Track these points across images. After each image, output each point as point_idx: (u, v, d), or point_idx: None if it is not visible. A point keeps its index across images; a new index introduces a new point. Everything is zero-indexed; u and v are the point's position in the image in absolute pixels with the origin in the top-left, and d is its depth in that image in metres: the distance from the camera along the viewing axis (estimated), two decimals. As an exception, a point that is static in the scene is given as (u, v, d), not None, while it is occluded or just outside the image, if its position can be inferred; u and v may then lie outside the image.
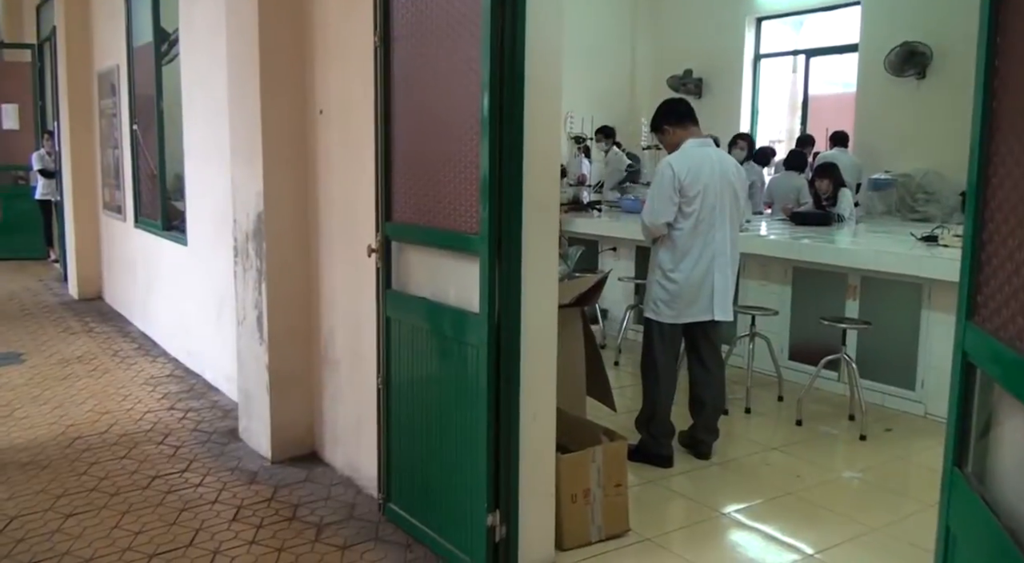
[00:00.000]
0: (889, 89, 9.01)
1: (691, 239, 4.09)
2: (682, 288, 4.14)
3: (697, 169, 4.07)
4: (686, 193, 4.04)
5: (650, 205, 4.16)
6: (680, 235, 4.10)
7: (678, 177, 4.03)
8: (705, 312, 4.17)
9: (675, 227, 4.10)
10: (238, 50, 4.24)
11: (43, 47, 10.89)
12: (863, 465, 4.41)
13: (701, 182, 4.05)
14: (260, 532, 3.46)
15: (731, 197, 4.16)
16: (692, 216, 4.07)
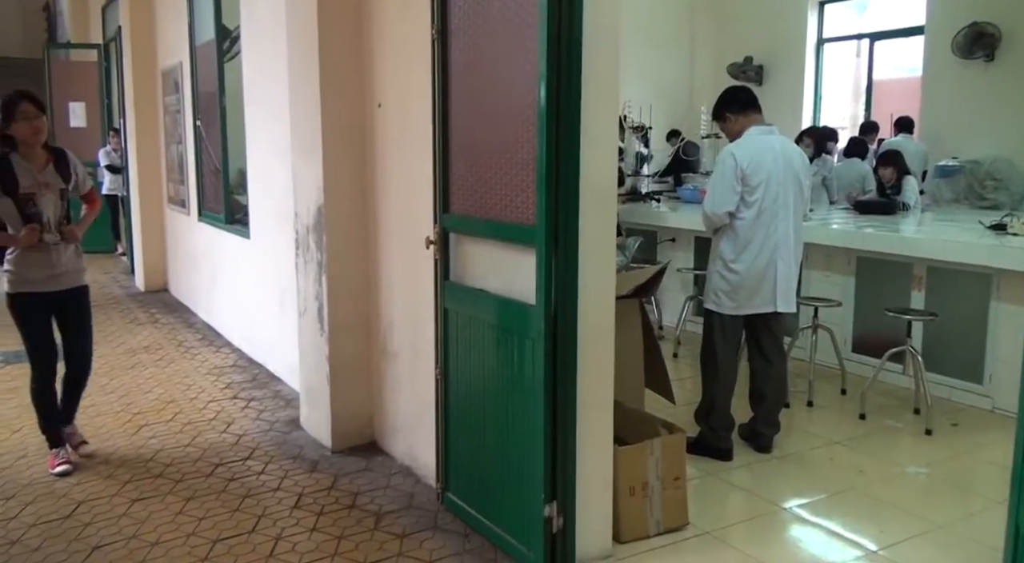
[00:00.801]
0: (956, 72, 8.73)
1: (753, 229, 4.03)
2: (743, 279, 4.07)
3: (760, 157, 4.00)
4: (748, 182, 3.98)
5: (711, 194, 4.10)
6: (742, 225, 4.04)
7: (740, 166, 3.97)
8: (767, 304, 4.10)
9: (737, 216, 4.04)
10: (298, 46, 4.30)
11: (109, 47, 11.18)
12: (928, 460, 4.30)
13: (764, 171, 3.99)
14: (321, 520, 3.52)
15: (795, 186, 4.09)
16: (755, 205, 4.00)
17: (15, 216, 3.83)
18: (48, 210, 3.89)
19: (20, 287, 3.90)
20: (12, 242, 3.87)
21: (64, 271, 4.00)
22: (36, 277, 3.92)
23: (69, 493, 3.80)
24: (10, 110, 3.80)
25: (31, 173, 3.86)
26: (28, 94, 3.84)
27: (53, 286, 3.97)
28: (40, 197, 3.86)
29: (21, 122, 3.79)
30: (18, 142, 3.83)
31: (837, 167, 8.09)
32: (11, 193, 3.80)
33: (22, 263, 3.90)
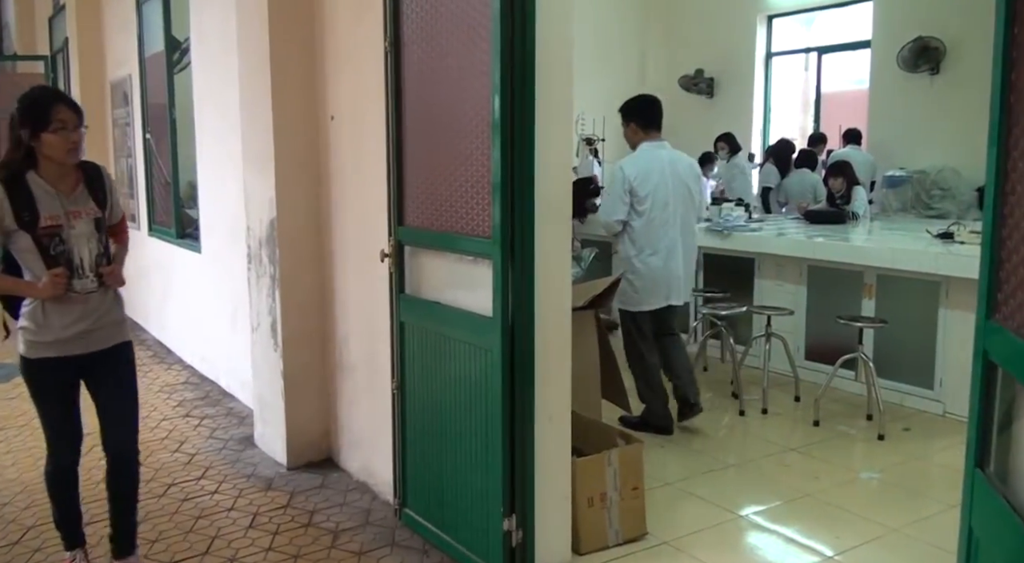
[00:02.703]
0: (902, 85, 8.94)
1: (647, 234, 4.51)
2: (644, 279, 4.55)
3: (647, 171, 4.48)
4: (637, 193, 4.46)
5: (604, 204, 4.65)
6: (637, 231, 4.52)
7: (628, 179, 4.45)
8: (664, 299, 4.60)
9: (631, 224, 4.52)
10: (249, 57, 4.25)
11: (56, 58, 10.96)
12: (882, 465, 4.36)
13: (651, 183, 4.46)
14: (276, 539, 3.46)
15: (684, 194, 4.60)
16: (645, 214, 4.49)
17: (35, 257, 2.78)
18: (80, 247, 2.83)
19: (40, 351, 2.85)
20: (30, 292, 2.82)
21: (100, 326, 2.93)
22: (62, 337, 2.85)
23: (18, 519, 3.69)
24: (43, 115, 2.74)
25: (56, 199, 2.79)
26: (64, 96, 2.91)
27: (84, 347, 2.91)
28: (69, 230, 2.80)
29: (56, 133, 2.74)
30: (41, 158, 2.78)
31: (789, 177, 8.22)
32: (30, 226, 2.73)
33: (43, 318, 2.83)
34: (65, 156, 2.79)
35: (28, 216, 2.73)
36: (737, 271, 6.24)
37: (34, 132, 2.73)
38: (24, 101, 2.79)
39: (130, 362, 3.12)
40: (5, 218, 2.72)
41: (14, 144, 2.78)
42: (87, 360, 2.93)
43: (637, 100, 4.72)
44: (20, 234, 2.74)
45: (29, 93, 2.83)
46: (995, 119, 1.76)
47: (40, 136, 2.74)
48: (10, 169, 2.77)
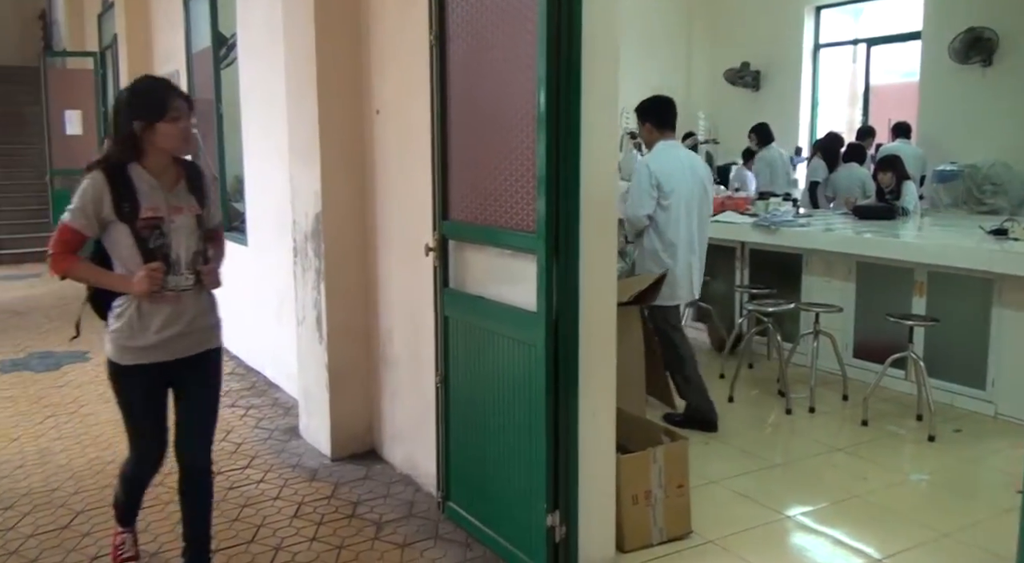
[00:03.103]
0: (954, 77, 8.75)
1: (670, 229, 4.59)
2: (672, 273, 4.58)
3: (670, 168, 4.58)
4: (662, 188, 4.54)
5: (631, 200, 4.58)
6: (661, 225, 4.59)
7: (654, 174, 4.53)
8: (689, 293, 4.72)
9: (656, 219, 4.58)
10: (295, 52, 4.28)
11: (105, 54, 11.17)
12: (932, 467, 4.27)
13: (675, 179, 4.56)
14: (321, 529, 3.49)
15: (700, 192, 4.70)
16: (669, 209, 4.57)
17: (132, 250, 2.66)
18: (179, 243, 2.73)
19: (130, 357, 2.72)
20: (122, 286, 2.68)
21: (193, 330, 2.80)
22: (155, 341, 2.72)
23: (67, 503, 3.77)
24: (159, 105, 2.65)
25: (159, 192, 2.70)
26: (176, 86, 2.80)
27: (177, 352, 2.78)
28: (169, 224, 2.71)
29: (171, 124, 2.66)
30: (149, 149, 2.68)
31: (837, 172, 8.08)
32: (130, 218, 2.63)
33: (138, 320, 2.70)
34: (180, 146, 2.73)
35: (128, 207, 2.64)
36: (784, 267, 6.14)
37: (149, 122, 2.64)
38: (138, 91, 2.72)
39: (219, 370, 2.98)
40: (104, 208, 2.62)
41: (122, 134, 2.67)
42: (178, 365, 2.80)
43: (652, 101, 4.78)
44: (118, 225, 2.64)
45: (142, 84, 2.76)
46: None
47: (155, 126, 2.64)
48: (114, 160, 2.68)
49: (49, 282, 10.27)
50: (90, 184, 2.63)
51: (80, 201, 2.63)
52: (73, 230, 2.64)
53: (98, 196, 2.61)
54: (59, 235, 2.65)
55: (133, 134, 2.64)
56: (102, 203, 2.61)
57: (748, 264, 6.47)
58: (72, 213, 2.63)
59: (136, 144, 2.66)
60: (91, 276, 2.75)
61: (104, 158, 2.69)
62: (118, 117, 2.69)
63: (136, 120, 2.63)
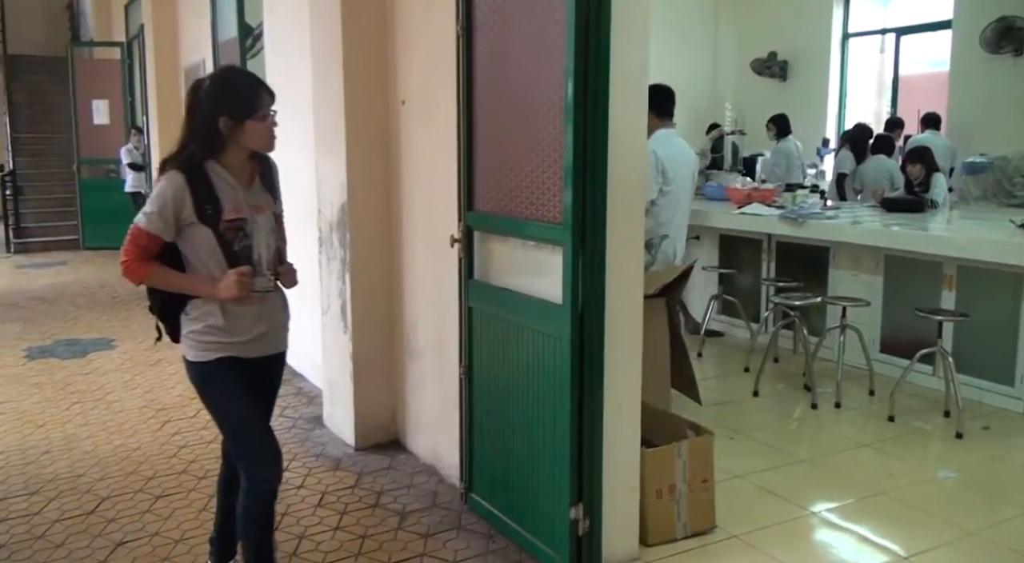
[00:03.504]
0: (984, 67, 8.59)
1: (667, 213, 4.77)
2: (667, 256, 4.76)
3: (673, 154, 4.80)
4: (666, 173, 4.73)
5: None
6: (660, 209, 4.74)
7: (660, 160, 4.69)
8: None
9: (656, 203, 4.73)
10: (321, 42, 4.28)
11: (132, 44, 11.25)
12: (959, 464, 4.22)
13: (677, 165, 4.80)
14: (344, 518, 3.50)
15: (691, 177, 5.02)
16: (669, 193, 4.76)
17: (215, 254, 2.50)
18: (260, 243, 2.60)
19: (218, 351, 2.56)
20: (208, 292, 2.51)
21: (272, 329, 2.71)
22: (238, 339, 2.59)
23: (93, 489, 3.81)
24: (248, 101, 2.49)
25: (239, 191, 2.54)
26: (261, 79, 2.60)
27: (259, 351, 2.66)
28: (252, 224, 2.57)
29: (260, 122, 2.50)
30: (232, 146, 2.49)
31: (865, 164, 7.98)
32: (213, 220, 2.47)
33: (225, 322, 2.55)
34: (268, 144, 2.56)
35: (211, 209, 2.46)
36: (811, 260, 6.08)
37: (238, 120, 2.45)
38: (225, 85, 2.51)
39: (282, 373, 2.88)
40: (184, 211, 2.44)
41: (203, 130, 2.46)
42: (255, 364, 2.66)
43: (653, 89, 4.78)
44: (199, 228, 2.46)
45: (227, 76, 2.58)
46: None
47: (244, 124, 2.46)
48: (194, 159, 2.47)
49: (76, 270, 10.40)
50: (169, 185, 2.43)
51: (158, 204, 2.43)
52: (150, 235, 2.45)
53: (178, 198, 2.43)
54: (134, 240, 2.46)
55: (216, 131, 2.45)
56: (183, 205, 2.43)
57: (775, 257, 6.41)
58: (148, 216, 2.44)
59: (218, 141, 2.47)
60: (172, 282, 2.55)
61: (181, 156, 2.48)
62: (197, 110, 2.48)
63: (222, 116, 2.44)
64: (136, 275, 2.51)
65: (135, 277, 2.52)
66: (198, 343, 2.57)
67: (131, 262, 2.49)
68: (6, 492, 3.78)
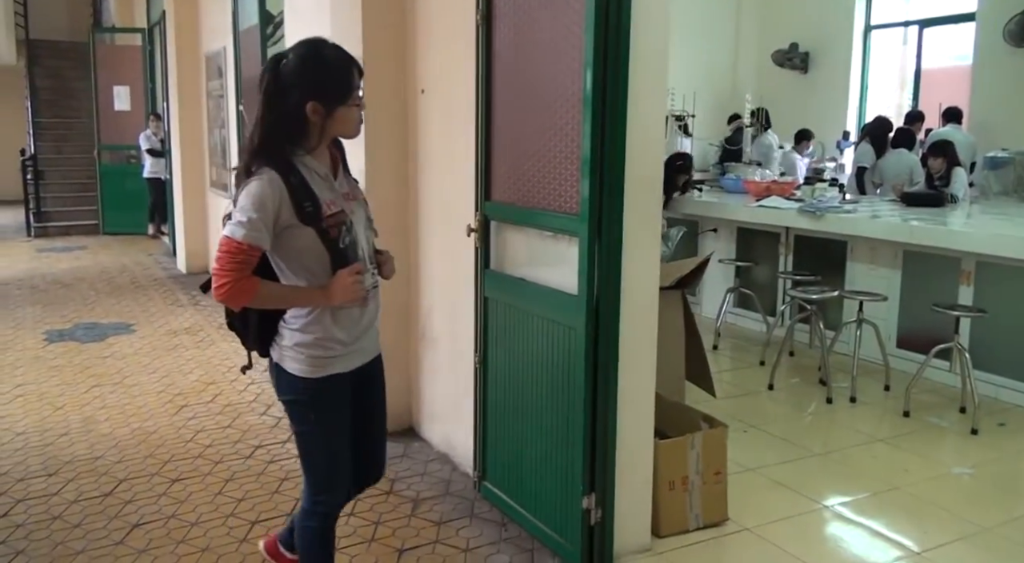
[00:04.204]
0: (1008, 60, 8.49)
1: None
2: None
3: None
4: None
5: None
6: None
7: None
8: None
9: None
10: (342, 30, 4.28)
11: (153, 31, 11.30)
12: (974, 461, 4.20)
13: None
14: (358, 505, 3.52)
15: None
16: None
17: (321, 255, 2.20)
18: (360, 236, 2.30)
19: (328, 367, 2.28)
20: (322, 300, 2.21)
21: (372, 331, 2.41)
22: (344, 350, 2.30)
23: (110, 471, 3.85)
24: (343, 85, 2.20)
25: (329, 182, 2.25)
26: (351, 56, 2.25)
27: (359, 359, 2.37)
28: (351, 216, 2.27)
29: (353, 108, 2.23)
30: (315, 133, 2.19)
31: (885, 157, 7.92)
32: (314, 218, 2.16)
33: (331, 327, 2.26)
34: (356, 130, 2.28)
35: (311, 206, 2.14)
36: (828, 254, 6.05)
37: (329, 107, 2.16)
38: (313, 66, 2.17)
39: (383, 375, 2.55)
40: (283, 213, 2.12)
41: (289, 120, 2.15)
42: (358, 373, 2.38)
43: None
44: (301, 231, 2.15)
45: (315, 54, 2.19)
46: None
47: (335, 111, 2.18)
48: (285, 153, 2.16)
49: (96, 254, 10.49)
50: (267, 186, 2.11)
51: (254, 209, 2.09)
52: (250, 247, 2.09)
53: (277, 200, 2.11)
54: (230, 256, 2.09)
55: (304, 119, 2.15)
56: (280, 208, 2.12)
57: (792, 250, 6.38)
58: (246, 226, 2.08)
59: (305, 130, 2.17)
60: (281, 298, 2.25)
61: (269, 150, 2.15)
62: (279, 96, 2.14)
63: (310, 101, 2.14)
64: (242, 297, 2.13)
65: (241, 300, 2.14)
66: (308, 357, 2.26)
67: (233, 284, 2.09)
68: (25, 472, 3.84)
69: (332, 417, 2.33)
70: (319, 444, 2.35)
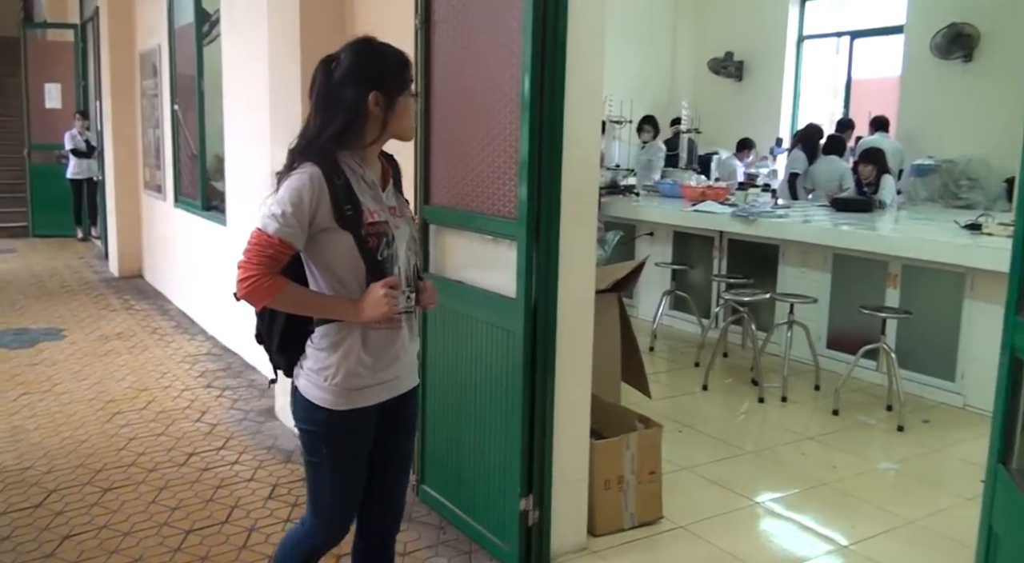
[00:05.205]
0: (935, 72, 8.80)
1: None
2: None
3: None
4: None
5: None
6: None
7: None
8: None
9: None
10: (279, 30, 4.25)
11: (86, 27, 11.02)
12: (900, 456, 4.35)
13: None
14: (295, 511, 3.50)
15: None
16: None
17: (355, 265, 2.03)
18: (400, 254, 2.11)
19: (349, 399, 2.07)
20: (351, 312, 2.03)
21: (408, 360, 2.21)
22: (371, 380, 2.10)
23: (40, 482, 3.75)
24: (400, 71, 2.10)
25: (376, 190, 2.10)
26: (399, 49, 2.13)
27: (393, 390, 2.16)
28: (395, 230, 2.09)
29: (410, 97, 2.13)
30: (370, 130, 2.06)
31: (817, 163, 8.14)
32: (353, 224, 2.01)
33: (360, 351, 2.06)
34: (411, 127, 2.20)
35: (351, 210, 1.99)
36: (761, 257, 6.20)
37: (390, 97, 2.04)
38: (371, 56, 2.06)
39: (417, 412, 2.36)
40: (320, 213, 1.98)
41: (349, 114, 2.02)
42: (384, 408, 2.17)
43: None
44: (337, 235, 2.00)
45: (371, 47, 2.08)
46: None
47: (397, 101, 2.06)
48: (331, 150, 2.03)
49: (25, 258, 10.18)
50: (307, 181, 1.97)
51: (292, 203, 1.96)
52: (281, 242, 1.96)
53: (315, 197, 1.97)
54: (260, 250, 1.96)
55: (365, 113, 2.02)
56: (318, 207, 1.98)
57: (726, 254, 6.52)
58: (280, 219, 1.95)
59: (363, 126, 2.04)
60: (304, 303, 2.06)
61: (316, 146, 2.03)
62: (336, 90, 2.03)
63: (372, 92, 2.02)
64: (265, 294, 1.97)
65: (263, 297, 1.98)
66: (332, 385, 2.07)
67: (258, 278, 1.95)
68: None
69: (347, 454, 2.15)
70: (326, 480, 2.17)
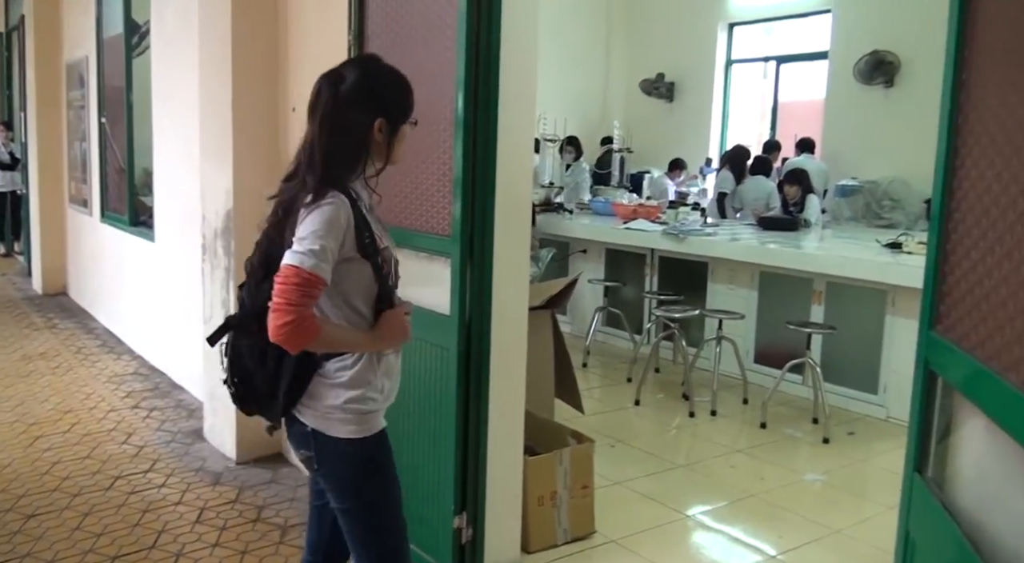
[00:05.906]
0: (857, 96, 9.12)
1: None
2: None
3: None
4: None
5: None
6: None
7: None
8: None
9: None
10: (210, 44, 4.19)
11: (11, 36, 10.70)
12: (826, 468, 4.46)
13: None
14: (224, 534, 3.43)
15: None
16: None
17: (371, 293, 1.98)
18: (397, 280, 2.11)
19: (373, 423, 2.02)
20: (387, 341, 2.01)
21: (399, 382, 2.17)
22: (384, 403, 2.08)
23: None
24: (405, 100, 2.05)
25: (374, 215, 2.06)
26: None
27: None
28: (392, 256, 2.07)
29: (410, 125, 2.07)
30: (375, 157, 2.02)
31: (745, 184, 8.34)
32: (372, 252, 1.94)
33: (374, 375, 2.00)
34: (403, 156, 2.10)
35: (369, 237, 1.94)
36: (691, 274, 6.33)
37: (394, 124, 2.00)
38: (383, 81, 2.02)
39: None
40: (346, 244, 1.90)
41: (356, 140, 1.97)
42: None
43: None
44: (358, 264, 1.93)
45: (379, 69, 2.04)
46: (944, 135, 1.82)
47: (400, 130, 2.02)
48: (347, 178, 1.97)
49: (-61, 274, 9.78)
50: (340, 211, 1.88)
51: (330, 238, 1.85)
52: (319, 279, 1.83)
53: (344, 228, 1.88)
54: (299, 289, 1.80)
55: (370, 140, 1.98)
56: (346, 237, 1.89)
57: (657, 271, 6.63)
58: (318, 255, 1.82)
59: (369, 151, 1.99)
60: (338, 339, 1.96)
61: (334, 175, 1.94)
62: (341, 114, 1.96)
63: (379, 118, 1.97)
64: (305, 338, 1.83)
65: (304, 340, 1.83)
66: (357, 415, 1.98)
67: (299, 322, 1.80)
68: None
69: (394, 488, 2.07)
70: (391, 512, 2.05)
